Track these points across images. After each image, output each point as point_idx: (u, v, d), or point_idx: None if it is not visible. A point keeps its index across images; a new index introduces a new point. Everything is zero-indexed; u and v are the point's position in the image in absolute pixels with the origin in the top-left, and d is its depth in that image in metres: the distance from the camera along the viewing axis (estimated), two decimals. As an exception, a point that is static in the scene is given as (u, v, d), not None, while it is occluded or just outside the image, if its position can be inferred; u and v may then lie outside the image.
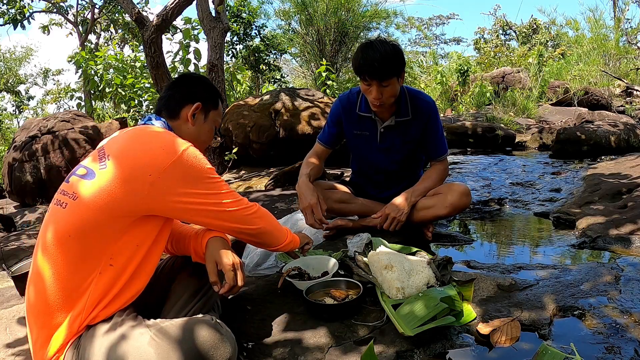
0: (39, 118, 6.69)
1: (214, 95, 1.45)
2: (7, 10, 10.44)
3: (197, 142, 1.36)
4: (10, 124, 17.15)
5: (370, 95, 2.06)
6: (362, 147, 2.34)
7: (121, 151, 1.19)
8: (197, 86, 1.43)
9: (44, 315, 1.10)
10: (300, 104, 4.93)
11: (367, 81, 2.03)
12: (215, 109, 1.46)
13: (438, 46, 25.37)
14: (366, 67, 1.99)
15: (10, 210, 5.46)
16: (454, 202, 2.13)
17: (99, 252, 1.12)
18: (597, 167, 3.74)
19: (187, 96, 1.39)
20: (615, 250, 2.10)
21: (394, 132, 2.23)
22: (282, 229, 1.52)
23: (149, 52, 4.26)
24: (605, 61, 9.56)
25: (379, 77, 1.99)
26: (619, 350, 1.25)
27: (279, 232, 1.49)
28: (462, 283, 1.58)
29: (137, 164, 1.14)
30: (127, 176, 1.13)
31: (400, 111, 2.18)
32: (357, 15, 10.74)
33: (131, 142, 1.22)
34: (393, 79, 2.01)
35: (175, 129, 1.36)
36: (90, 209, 1.11)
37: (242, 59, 11.04)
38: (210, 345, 1.01)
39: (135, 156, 1.17)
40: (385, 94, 2.04)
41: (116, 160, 1.16)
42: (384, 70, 1.98)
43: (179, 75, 1.53)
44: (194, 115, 1.38)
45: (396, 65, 2.00)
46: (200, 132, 1.42)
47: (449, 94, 9.94)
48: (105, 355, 1.02)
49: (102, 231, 1.12)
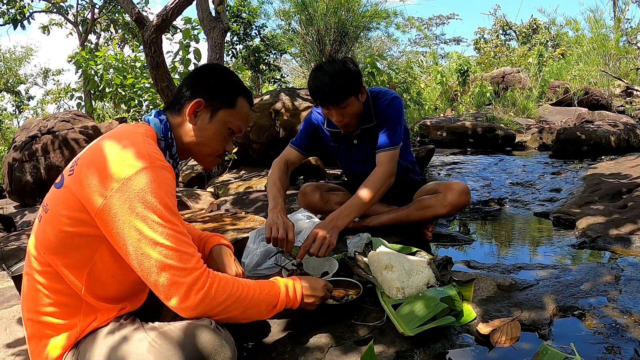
0: (39, 118, 6.69)
1: (227, 92, 1.24)
2: (7, 10, 10.43)
3: (200, 147, 1.24)
4: (10, 124, 17.14)
5: (332, 118, 2.03)
6: (341, 159, 2.34)
7: (85, 159, 1.07)
8: (206, 79, 1.25)
9: (39, 325, 1.07)
10: (300, 104, 4.92)
11: (324, 106, 1.98)
12: (228, 108, 1.24)
13: (438, 46, 25.41)
14: (318, 94, 1.93)
15: (10, 210, 5.46)
16: (453, 200, 2.13)
17: (80, 264, 1.05)
18: (597, 167, 3.74)
19: (192, 90, 1.23)
20: (615, 250, 2.10)
21: (364, 140, 2.19)
22: (257, 301, 1.12)
23: (149, 52, 4.26)
24: (605, 61, 9.56)
25: (333, 102, 1.93)
26: (619, 350, 1.25)
27: (253, 309, 1.11)
28: (462, 283, 1.58)
29: (91, 179, 1.02)
30: (81, 190, 1.02)
31: (365, 119, 2.12)
32: (357, 15, 10.72)
33: (96, 150, 1.08)
34: (350, 98, 1.94)
35: (176, 128, 1.24)
36: (56, 219, 1.05)
37: (242, 59, 11.03)
38: (211, 349, 0.99)
39: (90, 171, 1.03)
40: (346, 115, 1.99)
41: (79, 169, 1.05)
42: (336, 95, 1.91)
43: (201, 65, 1.41)
44: (196, 113, 1.22)
45: (349, 85, 1.92)
46: (203, 135, 1.23)
47: (449, 94, 9.93)
48: (105, 358, 1.01)
49: (74, 242, 1.04)
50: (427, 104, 9.31)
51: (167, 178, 1.05)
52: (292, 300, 1.21)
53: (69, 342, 1.06)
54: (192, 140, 1.23)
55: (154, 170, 1.02)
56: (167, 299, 1.01)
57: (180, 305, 1.01)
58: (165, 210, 1.01)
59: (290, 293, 1.21)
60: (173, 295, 1.00)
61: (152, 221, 0.99)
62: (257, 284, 1.14)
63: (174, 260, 0.99)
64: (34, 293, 1.08)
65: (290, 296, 1.21)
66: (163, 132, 1.20)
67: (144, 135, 1.12)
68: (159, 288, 1.00)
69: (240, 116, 1.27)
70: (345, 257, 1.77)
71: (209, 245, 1.36)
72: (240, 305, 1.08)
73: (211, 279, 1.03)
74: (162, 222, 1.00)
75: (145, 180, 1.00)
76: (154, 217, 0.99)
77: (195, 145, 1.24)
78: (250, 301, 1.10)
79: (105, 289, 1.09)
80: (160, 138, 1.19)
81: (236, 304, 1.07)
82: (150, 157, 1.05)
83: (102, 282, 1.08)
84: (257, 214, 2.93)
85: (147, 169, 1.01)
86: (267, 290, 1.15)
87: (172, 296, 1.00)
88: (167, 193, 1.03)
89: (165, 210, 1.01)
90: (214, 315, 1.05)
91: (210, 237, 1.39)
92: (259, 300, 1.12)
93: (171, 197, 1.04)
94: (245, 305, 1.09)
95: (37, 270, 1.07)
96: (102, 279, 1.08)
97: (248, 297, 1.09)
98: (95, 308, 1.08)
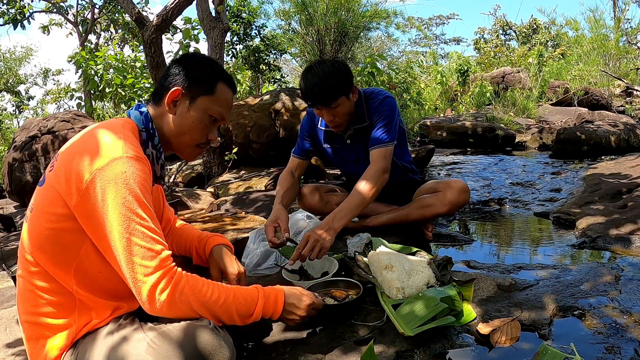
0: (39, 118, 6.68)
1: (205, 78, 1.20)
2: (7, 10, 10.42)
3: (180, 137, 1.21)
4: (10, 124, 17.14)
5: (324, 118, 2.05)
6: (335, 159, 2.34)
7: (63, 154, 1.06)
8: (183, 67, 1.21)
9: (35, 326, 1.07)
10: (300, 104, 4.92)
11: (315, 107, 2.00)
12: (207, 95, 1.20)
13: (438, 46, 25.40)
14: (309, 95, 1.95)
15: (10, 210, 5.46)
16: (453, 199, 2.13)
17: (67, 261, 1.04)
18: (597, 167, 3.75)
19: (170, 79, 1.20)
20: (615, 250, 2.10)
21: (357, 140, 2.19)
22: (229, 307, 1.06)
23: (149, 52, 4.25)
24: (605, 61, 9.56)
25: (324, 103, 1.95)
26: (619, 350, 1.25)
27: (223, 315, 1.06)
28: (462, 283, 1.58)
29: (66, 173, 1.01)
30: (60, 184, 1.01)
31: (357, 119, 2.12)
32: (357, 15, 10.72)
33: (74, 144, 1.07)
34: (340, 98, 1.96)
35: (157, 119, 1.21)
36: (40, 218, 1.04)
37: (242, 59, 11.03)
38: (210, 350, 0.99)
39: (67, 164, 1.02)
40: (338, 115, 2.00)
41: (58, 164, 1.05)
42: (326, 95, 1.92)
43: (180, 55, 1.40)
44: (175, 102, 1.19)
45: (339, 85, 1.94)
46: (183, 123, 1.19)
47: (449, 94, 9.93)
48: (105, 358, 1.01)
49: (59, 239, 1.03)
50: (427, 104, 9.31)
51: (140, 169, 1.02)
52: (271, 312, 1.15)
53: (67, 342, 1.06)
54: (171, 130, 1.20)
55: (126, 161, 1.00)
56: (137, 296, 1.00)
57: (145, 306, 1.00)
58: (136, 202, 0.99)
59: (271, 304, 1.15)
60: (139, 293, 0.99)
61: (120, 213, 0.97)
62: (233, 290, 1.09)
63: (138, 257, 0.98)
64: (27, 294, 1.07)
65: (270, 308, 1.15)
66: (144, 124, 1.18)
67: (122, 127, 1.10)
68: (130, 284, 1.00)
69: (221, 102, 1.22)
70: (345, 257, 1.77)
71: (210, 246, 1.36)
72: (208, 310, 1.04)
73: (176, 280, 1.00)
74: (129, 215, 0.98)
75: (116, 171, 0.98)
76: (122, 209, 0.97)
77: (175, 136, 1.21)
78: (221, 307, 1.05)
79: (95, 285, 1.08)
80: (142, 129, 1.17)
81: (204, 308, 1.03)
82: (124, 147, 1.02)
83: (91, 278, 1.07)
84: (257, 214, 2.93)
85: (119, 160, 1.00)
86: (243, 297, 1.09)
87: (139, 294, 0.99)
88: (138, 184, 1.00)
89: (136, 203, 0.99)
90: (182, 316, 1.02)
91: (211, 238, 1.39)
92: (232, 307, 1.07)
93: (142, 189, 1.01)
94: (215, 311, 1.04)
95: (28, 271, 1.07)
96: (90, 275, 1.07)
97: (219, 302, 1.05)
98: (89, 305, 1.08)
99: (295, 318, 1.21)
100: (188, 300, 1.01)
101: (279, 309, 1.16)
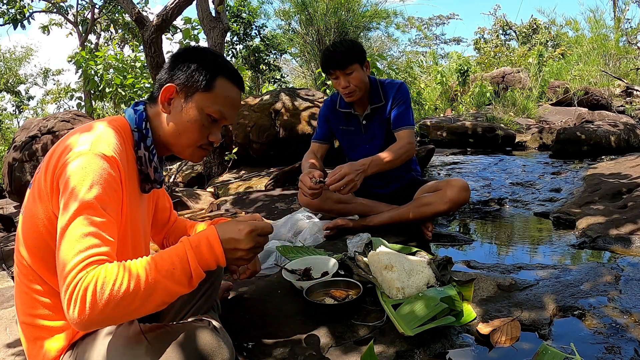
0: (39, 118, 6.69)
1: (201, 73, 1.09)
2: (7, 10, 10.43)
3: (176, 137, 1.12)
4: (10, 124, 17.14)
5: (339, 85, 2.23)
6: (350, 142, 2.45)
7: (46, 156, 1.03)
8: (179, 62, 1.12)
9: (32, 327, 1.06)
10: (300, 104, 4.92)
11: (333, 74, 2.22)
12: (204, 92, 1.09)
13: (438, 46, 25.38)
14: (327, 60, 2.21)
15: (10, 210, 5.46)
16: (454, 197, 2.14)
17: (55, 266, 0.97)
18: (597, 167, 3.75)
19: (166, 76, 1.12)
20: (615, 250, 2.10)
21: (373, 120, 2.36)
22: (156, 285, 0.89)
23: (149, 52, 4.26)
24: (605, 61, 9.56)
25: (340, 66, 2.18)
26: (619, 350, 1.25)
27: (156, 295, 0.90)
28: (462, 283, 1.58)
29: (46, 170, 0.99)
30: (44, 182, 0.98)
31: (373, 99, 2.34)
32: (357, 15, 10.72)
33: (58, 143, 1.04)
34: (355, 65, 2.19)
35: (153, 119, 1.13)
36: (29, 220, 1.01)
37: (242, 59, 11.03)
38: (209, 351, 0.98)
39: (47, 161, 1.00)
40: (352, 82, 2.20)
41: (43, 163, 1.02)
42: (343, 58, 2.16)
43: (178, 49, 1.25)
44: (170, 100, 1.11)
45: (354, 52, 2.19)
46: (178, 123, 1.10)
47: (449, 94, 9.93)
48: (104, 359, 1.00)
49: (48, 242, 0.99)
50: (427, 104, 9.31)
51: (102, 167, 0.95)
52: (212, 259, 0.96)
53: (65, 344, 1.05)
54: (167, 131, 1.12)
55: (90, 157, 0.95)
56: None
57: (69, 321, 0.86)
58: (89, 203, 0.91)
59: (205, 251, 0.96)
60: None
61: (67, 211, 0.91)
62: (154, 261, 0.91)
63: (61, 263, 0.88)
64: (24, 296, 1.06)
65: (206, 256, 0.96)
66: (137, 123, 1.11)
67: (106, 125, 1.05)
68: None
69: (221, 100, 1.11)
70: (345, 257, 1.77)
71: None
72: (134, 300, 0.87)
73: (84, 288, 0.84)
74: (72, 213, 0.90)
75: (75, 165, 0.94)
76: (71, 205, 0.90)
77: (172, 136, 1.13)
78: (146, 290, 0.87)
79: None
80: (134, 129, 1.11)
81: (126, 301, 0.86)
82: (93, 144, 0.97)
83: None
84: (257, 214, 2.93)
85: (84, 155, 0.95)
86: (168, 264, 0.91)
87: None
88: (98, 182, 0.93)
89: (85, 202, 0.90)
90: (112, 322, 0.90)
91: (217, 221, 1.38)
92: (160, 284, 0.89)
93: (101, 187, 0.93)
94: (143, 297, 0.87)
95: (23, 273, 1.05)
96: None
97: (140, 288, 0.87)
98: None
99: (242, 255, 1.00)
100: (102, 304, 0.84)
101: (219, 252, 0.97)
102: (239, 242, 0.99)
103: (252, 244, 1.00)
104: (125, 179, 1.03)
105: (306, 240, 2.20)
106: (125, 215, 1.06)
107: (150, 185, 1.17)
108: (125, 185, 1.04)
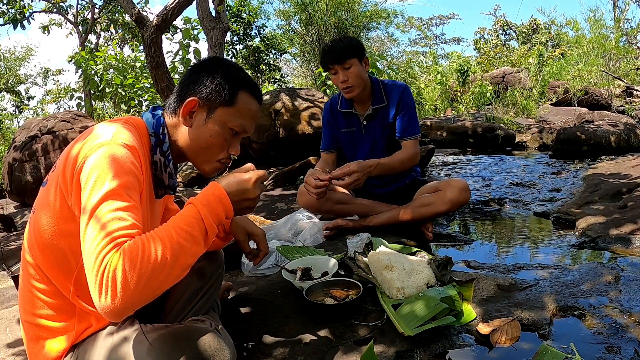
0: (39, 118, 6.69)
1: (224, 87, 1.10)
2: (7, 10, 10.43)
3: (197, 151, 1.12)
4: (10, 124, 17.14)
5: (338, 80, 2.24)
6: (351, 143, 2.46)
7: (63, 153, 1.03)
8: (201, 74, 1.11)
9: (35, 327, 1.06)
10: (300, 104, 4.92)
11: (332, 69, 2.25)
12: (227, 106, 1.10)
13: (438, 46, 25.38)
14: (326, 55, 2.24)
15: (10, 210, 5.46)
16: (454, 197, 2.14)
17: (66, 269, 1.00)
18: (597, 167, 3.75)
19: (187, 88, 1.12)
20: (615, 250, 2.10)
21: (374, 121, 2.36)
22: (178, 248, 0.89)
23: (149, 52, 4.26)
24: (605, 61, 9.56)
25: (338, 60, 2.20)
26: (619, 350, 1.25)
27: (181, 259, 0.90)
28: (462, 283, 1.58)
29: (65, 165, 0.98)
30: (62, 179, 0.97)
31: (375, 100, 2.35)
32: (357, 15, 10.73)
33: (73, 142, 1.03)
34: (353, 59, 2.21)
35: (171, 129, 1.13)
36: (41, 220, 1.00)
37: (242, 59, 11.04)
38: (211, 351, 0.98)
39: (65, 158, 0.99)
40: (351, 76, 2.22)
41: (59, 163, 1.02)
42: (341, 53, 2.20)
43: (201, 59, 1.25)
44: (192, 113, 1.11)
45: (352, 47, 2.23)
46: (200, 137, 1.10)
47: (449, 94, 9.93)
48: (105, 359, 1.00)
49: (59, 244, 0.99)
50: (427, 104, 9.32)
51: (124, 155, 0.94)
52: (223, 212, 0.98)
53: (66, 345, 1.05)
54: (188, 144, 1.12)
55: (111, 146, 0.94)
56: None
57: (100, 311, 0.84)
58: (114, 188, 0.89)
59: (215, 206, 0.98)
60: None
61: (92, 198, 0.89)
62: (172, 226, 0.92)
63: (87, 250, 0.86)
64: (28, 295, 1.06)
65: (218, 210, 0.98)
66: (154, 127, 1.11)
67: (123, 123, 1.05)
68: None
69: (243, 114, 1.12)
70: (345, 257, 1.77)
71: None
72: (163, 269, 0.85)
73: (113, 269, 0.82)
74: (98, 200, 0.88)
75: (99, 154, 0.92)
76: (96, 192, 0.89)
77: (191, 150, 1.13)
78: (172, 256, 0.87)
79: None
80: (151, 134, 1.11)
81: (157, 272, 0.85)
82: (114, 134, 0.97)
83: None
84: (257, 214, 2.93)
85: (106, 145, 0.94)
86: (185, 225, 0.92)
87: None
88: (122, 170, 0.92)
89: (114, 190, 0.89)
90: (144, 299, 0.85)
91: None
92: (183, 247, 0.90)
93: (125, 175, 0.93)
94: (170, 264, 0.86)
95: (29, 273, 1.05)
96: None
97: (167, 255, 0.86)
98: (89, 313, 1.05)
99: (250, 205, 1.05)
100: (135, 281, 0.82)
101: (228, 204, 1.00)
102: (246, 192, 1.03)
103: (259, 191, 1.05)
104: (144, 173, 1.03)
105: (306, 241, 2.20)
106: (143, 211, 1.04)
107: (164, 191, 1.16)
108: (143, 183, 1.02)
